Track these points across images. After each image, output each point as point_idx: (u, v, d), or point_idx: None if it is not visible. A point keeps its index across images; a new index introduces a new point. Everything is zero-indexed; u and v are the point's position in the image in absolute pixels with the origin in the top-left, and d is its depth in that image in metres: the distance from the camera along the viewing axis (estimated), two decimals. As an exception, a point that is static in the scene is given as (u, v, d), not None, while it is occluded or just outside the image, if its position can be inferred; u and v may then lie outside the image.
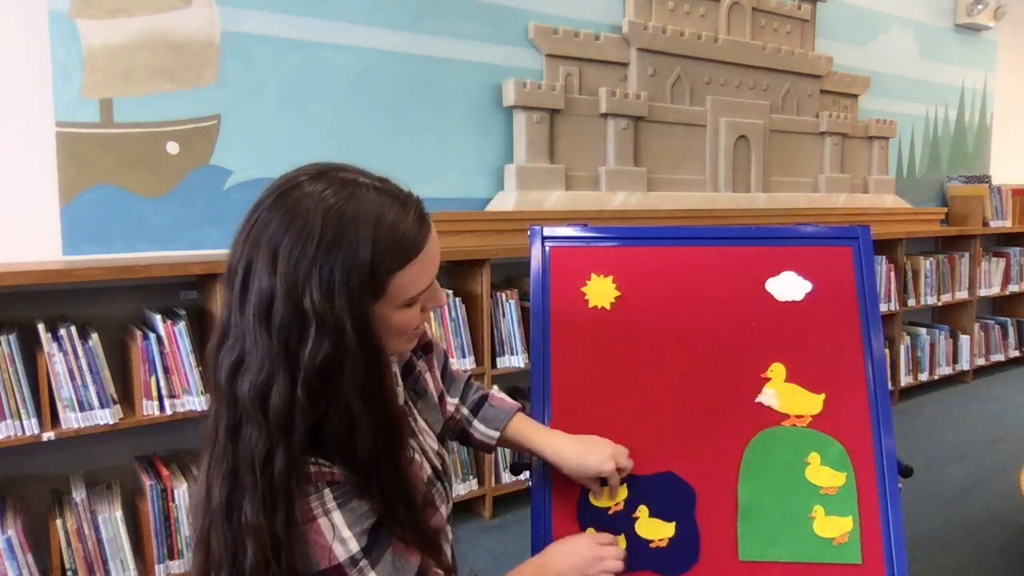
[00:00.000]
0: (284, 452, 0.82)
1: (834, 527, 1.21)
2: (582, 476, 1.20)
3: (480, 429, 1.23)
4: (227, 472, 0.84)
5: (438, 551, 0.98)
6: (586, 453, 1.19)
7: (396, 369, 1.05)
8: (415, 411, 1.09)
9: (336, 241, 0.81)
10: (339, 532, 0.85)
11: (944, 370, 4.61)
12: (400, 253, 0.85)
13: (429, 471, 1.04)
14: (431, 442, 1.09)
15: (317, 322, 0.80)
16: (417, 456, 1.02)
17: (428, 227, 0.89)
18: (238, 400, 0.83)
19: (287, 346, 0.81)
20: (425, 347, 1.17)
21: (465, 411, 1.24)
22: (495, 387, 1.32)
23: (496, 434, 1.22)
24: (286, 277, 0.80)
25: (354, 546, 0.85)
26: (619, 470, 1.20)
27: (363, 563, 0.86)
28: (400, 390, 1.05)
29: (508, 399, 1.28)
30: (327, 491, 0.85)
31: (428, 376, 1.14)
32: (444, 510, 1.04)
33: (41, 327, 1.99)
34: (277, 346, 0.81)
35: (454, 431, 1.26)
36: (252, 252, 0.83)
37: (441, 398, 1.20)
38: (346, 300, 0.81)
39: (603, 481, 1.22)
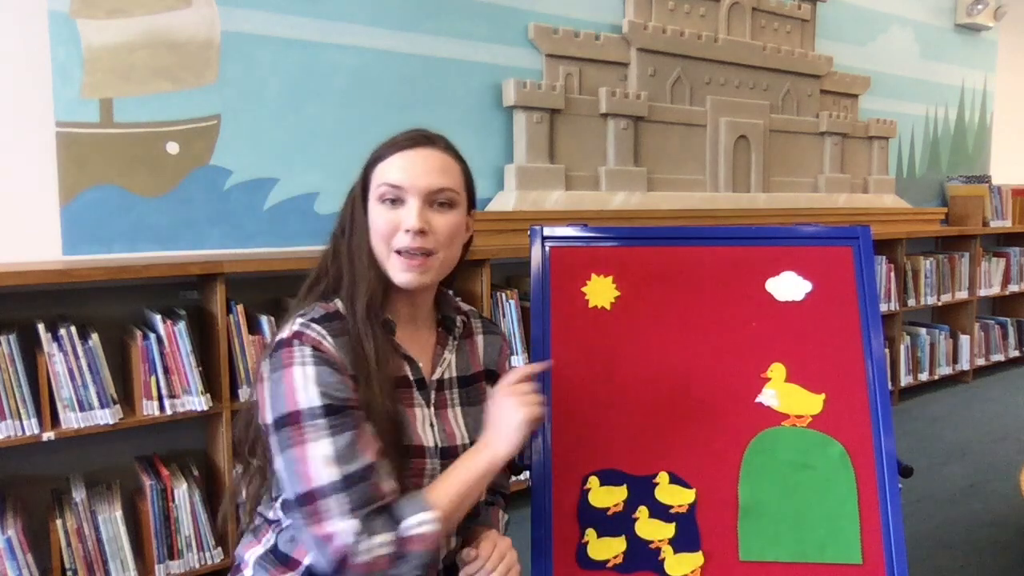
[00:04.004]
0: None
1: None
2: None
3: None
4: None
5: (395, 474, 0.99)
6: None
7: (451, 359, 1.15)
8: (454, 397, 1.13)
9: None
10: (308, 384, 0.93)
11: (944, 370, 4.61)
12: (385, 149, 1.13)
13: (431, 443, 1.08)
14: (457, 428, 1.11)
15: (348, 196, 1.13)
16: (420, 415, 1.07)
17: (421, 143, 1.13)
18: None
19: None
20: (488, 375, 1.22)
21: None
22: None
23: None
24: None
25: (317, 401, 0.92)
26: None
27: (321, 422, 0.92)
28: (452, 361, 1.15)
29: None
30: (308, 349, 0.95)
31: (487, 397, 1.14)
32: (424, 482, 1.06)
33: (41, 327, 1.99)
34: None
35: None
36: None
37: None
38: (360, 181, 1.13)
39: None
